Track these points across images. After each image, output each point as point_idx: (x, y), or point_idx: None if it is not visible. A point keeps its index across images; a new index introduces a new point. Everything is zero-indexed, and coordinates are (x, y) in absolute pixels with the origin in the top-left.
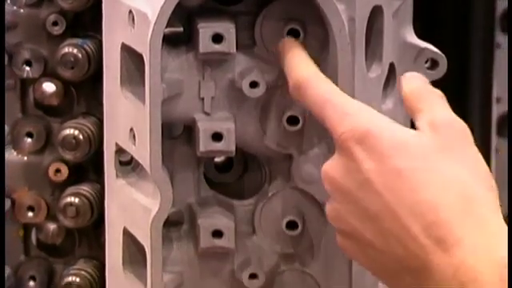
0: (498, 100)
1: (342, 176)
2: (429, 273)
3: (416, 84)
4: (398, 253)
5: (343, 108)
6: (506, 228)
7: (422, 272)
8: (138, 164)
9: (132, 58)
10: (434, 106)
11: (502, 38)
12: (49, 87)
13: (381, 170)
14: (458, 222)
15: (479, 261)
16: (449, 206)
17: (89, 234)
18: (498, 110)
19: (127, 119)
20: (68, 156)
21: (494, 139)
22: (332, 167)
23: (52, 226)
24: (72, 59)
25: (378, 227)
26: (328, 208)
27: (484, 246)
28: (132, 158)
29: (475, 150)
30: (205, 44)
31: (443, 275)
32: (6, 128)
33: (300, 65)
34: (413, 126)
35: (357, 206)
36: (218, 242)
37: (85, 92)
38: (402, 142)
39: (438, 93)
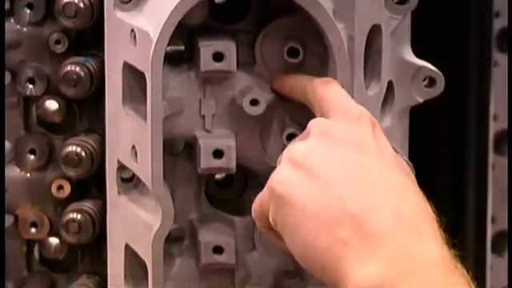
0: (495, 117)
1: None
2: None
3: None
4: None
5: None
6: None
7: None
8: (139, 181)
9: (134, 76)
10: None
11: (499, 57)
12: (51, 105)
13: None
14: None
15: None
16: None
17: (91, 250)
18: (494, 127)
19: (129, 136)
20: (70, 173)
21: (491, 156)
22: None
23: (55, 242)
24: (74, 77)
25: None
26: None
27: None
28: (134, 174)
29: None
30: (206, 62)
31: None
32: (10, 145)
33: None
34: (411, 143)
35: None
36: (218, 258)
37: (87, 109)
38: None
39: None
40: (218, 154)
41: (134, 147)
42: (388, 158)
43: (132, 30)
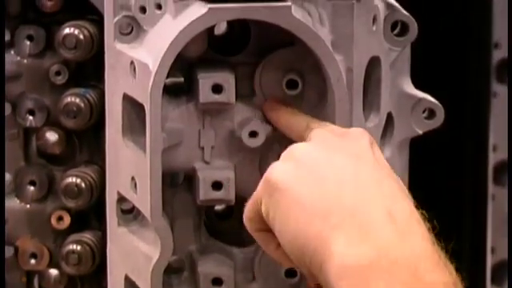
0: (495, 148)
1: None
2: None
3: None
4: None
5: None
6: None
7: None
8: (139, 212)
9: (133, 108)
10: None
11: (498, 88)
12: (51, 136)
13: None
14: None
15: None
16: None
17: (91, 281)
18: (494, 157)
19: (129, 168)
20: (70, 204)
21: (491, 187)
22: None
23: (54, 273)
24: (74, 108)
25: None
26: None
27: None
28: (133, 206)
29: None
30: (205, 94)
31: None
32: (10, 176)
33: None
34: (411, 174)
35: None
36: None
37: (87, 141)
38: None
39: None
40: (217, 185)
41: (133, 179)
42: (383, 168)
43: (132, 62)
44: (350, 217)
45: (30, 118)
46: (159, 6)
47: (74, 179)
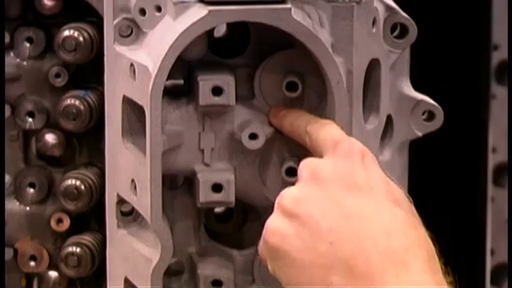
0: (494, 150)
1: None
2: None
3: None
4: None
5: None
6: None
7: None
8: (138, 214)
9: (133, 110)
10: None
11: (497, 89)
12: (51, 138)
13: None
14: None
15: None
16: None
17: (90, 284)
18: (493, 159)
19: (128, 170)
20: (70, 206)
21: (490, 189)
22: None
23: (54, 276)
24: (74, 111)
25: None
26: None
27: None
28: (133, 208)
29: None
30: (205, 96)
31: None
32: (9, 178)
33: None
34: (411, 176)
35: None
36: None
37: (87, 143)
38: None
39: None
40: (217, 188)
41: (133, 181)
42: (378, 191)
43: (131, 65)
44: (350, 272)
45: (30, 120)
46: (159, 8)
47: (73, 181)
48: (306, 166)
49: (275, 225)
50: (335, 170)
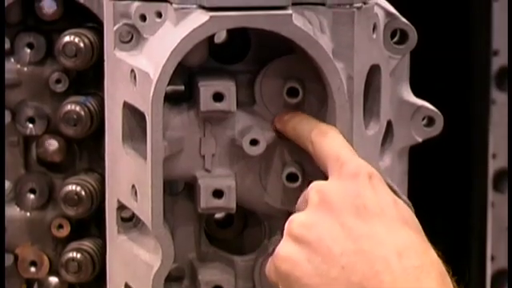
0: (494, 156)
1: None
2: None
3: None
4: None
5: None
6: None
7: None
8: (139, 220)
9: (134, 116)
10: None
11: (497, 95)
12: (51, 144)
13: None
14: None
15: None
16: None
17: None
18: (493, 165)
19: (129, 176)
20: (70, 212)
21: (491, 194)
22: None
23: (54, 281)
24: (75, 116)
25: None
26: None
27: None
28: (134, 214)
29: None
30: (205, 102)
31: None
32: (10, 184)
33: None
34: (411, 181)
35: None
36: None
37: (87, 148)
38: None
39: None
40: (218, 193)
41: (133, 187)
42: (388, 213)
43: (132, 71)
44: None
45: (30, 125)
46: (159, 14)
47: (73, 187)
48: (314, 189)
49: (286, 251)
50: (344, 194)
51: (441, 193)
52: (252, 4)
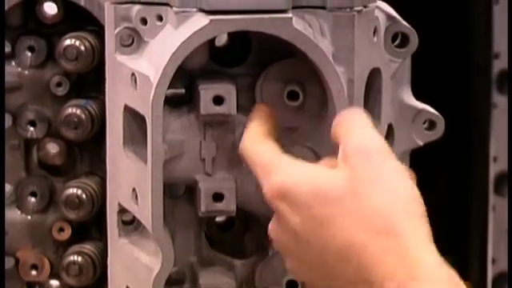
0: (495, 159)
1: (279, 233)
2: None
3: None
4: None
5: (266, 167)
6: (433, 254)
7: None
8: (140, 223)
9: (134, 119)
10: (350, 132)
11: (498, 98)
12: (52, 147)
13: (305, 222)
14: (381, 260)
15: None
16: (368, 245)
17: None
18: (494, 168)
19: (130, 179)
20: (71, 215)
21: (492, 197)
22: (271, 226)
23: (55, 285)
24: (75, 120)
25: (315, 275)
26: (286, 265)
27: (410, 283)
28: (134, 217)
29: (394, 171)
30: (206, 105)
31: None
32: (11, 187)
33: (246, 133)
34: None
35: (298, 258)
36: None
37: (88, 152)
38: (319, 190)
39: (359, 117)
40: (219, 197)
41: (134, 190)
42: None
43: (133, 74)
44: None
45: (31, 129)
46: (160, 18)
47: (74, 190)
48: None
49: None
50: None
51: (441, 195)
52: (252, 7)
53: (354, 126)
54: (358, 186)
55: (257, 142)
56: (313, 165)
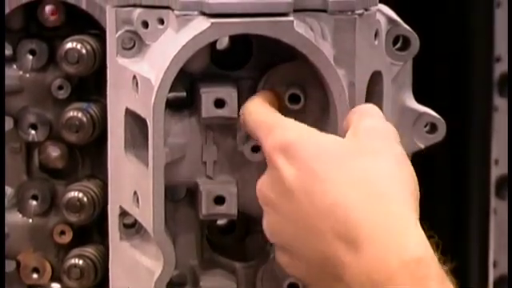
0: (496, 162)
1: (268, 187)
2: (342, 273)
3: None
4: (318, 257)
5: (272, 124)
6: (417, 226)
7: (338, 274)
8: (141, 226)
9: (136, 122)
10: (364, 116)
11: (499, 101)
12: (54, 150)
13: (299, 174)
14: (368, 220)
15: (390, 259)
16: (357, 204)
17: None
18: (495, 171)
19: (131, 182)
20: (72, 218)
21: (493, 200)
22: (261, 181)
23: None
24: (77, 123)
25: (298, 232)
26: (264, 224)
27: (395, 245)
28: (136, 220)
29: (398, 152)
30: (207, 109)
31: (355, 275)
32: (12, 190)
33: (249, 101)
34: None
35: (282, 214)
36: None
37: (89, 155)
38: (322, 147)
39: (374, 107)
40: (220, 200)
41: (135, 193)
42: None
43: (134, 77)
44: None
45: (33, 132)
46: (161, 21)
47: (76, 194)
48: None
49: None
50: (270, 184)
51: (442, 198)
52: (253, 11)
53: (367, 113)
54: (361, 152)
55: (260, 105)
56: None
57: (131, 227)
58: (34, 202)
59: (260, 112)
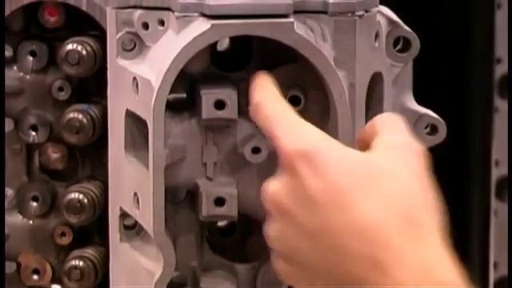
0: (497, 163)
1: (283, 193)
2: None
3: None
4: (337, 273)
5: (293, 126)
6: (445, 253)
7: None
8: (141, 228)
9: (136, 124)
10: (393, 129)
11: (500, 103)
12: (54, 152)
13: (323, 186)
14: (398, 243)
15: (418, 283)
16: (389, 226)
17: None
18: (496, 172)
19: (131, 184)
20: (73, 220)
21: (494, 202)
22: (274, 185)
23: None
24: (77, 124)
25: (317, 246)
26: (268, 228)
27: (423, 269)
28: (136, 221)
29: (426, 173)
30: (207, 110)
31: None
32: (12, 192)
33: (259, 89)
34: None
35: (296, 224)
36: None
37: (90, 156)
38: (349, 160)
39: (399, 119)
40: (220, 201)
41: (135, 194)
42: (334, 193)
43: (134, 78)
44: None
45: (33, 133)
46: (162, 22)
47: (76, 195)
48: (266, 201)
49: (272, 228)
50: (288, 190)
51: (442, 199)
52: (254, 12)
53: (395, 127)
54: (394, 173)
55: (274, 98)
56: None
57: (131, 228)
58: (35, 204)
59: (273, 106)
